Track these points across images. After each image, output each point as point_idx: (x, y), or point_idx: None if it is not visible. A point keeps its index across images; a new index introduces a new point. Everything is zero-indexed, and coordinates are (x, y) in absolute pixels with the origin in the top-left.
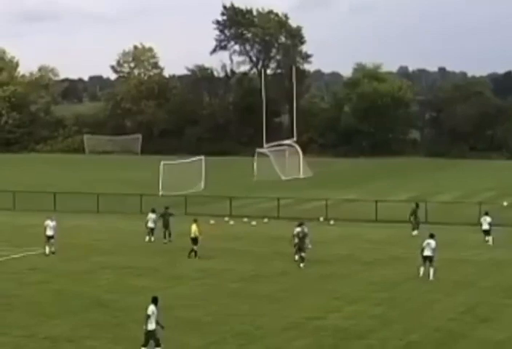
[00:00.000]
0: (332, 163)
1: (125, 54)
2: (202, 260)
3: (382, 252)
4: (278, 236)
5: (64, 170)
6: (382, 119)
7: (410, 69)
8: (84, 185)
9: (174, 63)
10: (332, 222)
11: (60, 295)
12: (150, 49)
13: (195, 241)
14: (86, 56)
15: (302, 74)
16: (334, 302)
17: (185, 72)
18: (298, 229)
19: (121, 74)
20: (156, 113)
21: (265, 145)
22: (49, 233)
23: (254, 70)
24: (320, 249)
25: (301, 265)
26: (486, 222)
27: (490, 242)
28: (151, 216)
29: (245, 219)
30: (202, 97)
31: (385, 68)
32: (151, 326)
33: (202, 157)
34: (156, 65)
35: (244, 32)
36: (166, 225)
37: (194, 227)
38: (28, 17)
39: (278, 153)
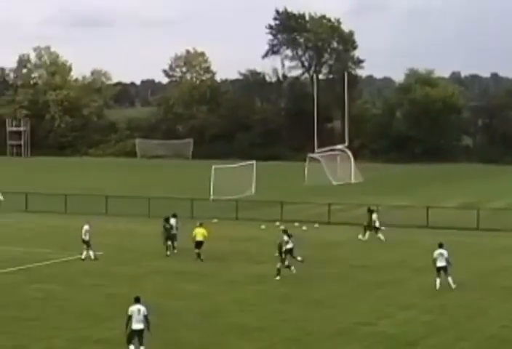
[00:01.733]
0: (383, 168)
1: (177, 58)
2: (253, 265)
3: (432, 259)
4: (329, 241)
5: (116, 174)
6: (434, 125)
7: (462, 75)
8: (136, 189)
9: (226, 68)
10: (383, 228)
11: (111, 298)
12: (203, 54)
13: (199, 244)
14: (138, 60)
15: (354, 79)
16: (385, 309)
17: (237, 76)
18: (285, 237)
19: (173, 78)
20: (208, 117)
21: (316, 150)
22: (85, 237)
23: (306, 75)
24: (371, 255)
25: (277, 277)
26: None
27: None
28: (173, 221)
29: (296, 224)
30: (254, 102)
31: (437, 74)
32: (136, 325)
33: (253, 162)
34: (208, 70)
35: (297, 37)
36: (169, 237)
37: (198, 230)
38: (81, 22)
39: (329, 158)
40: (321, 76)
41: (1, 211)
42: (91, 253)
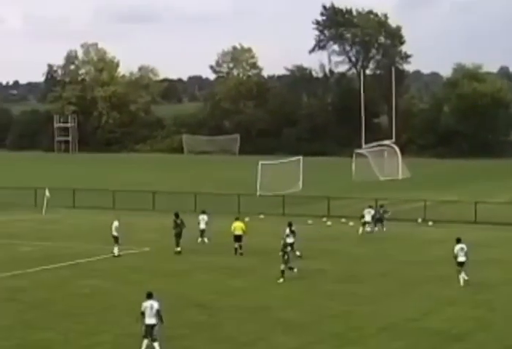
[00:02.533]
0: (430, 164)
1: (224, 54)
2: (300, 261)
3: (480, 254)
4: (376, 237)
5: (163, 170)
6: (482, 120)
7: (511, 69)
8: (183, 185)
9: (272, 63)
10: (430, 223)
11: (158, 294)
12: (249, 50)
13: (238, 238)
14: (185, 56)
15: (401, 74)
16: (432, 304)
17: (283, 72)
18: (287, 230)
19: (220, 74)
20: (255, 113)
21: (363, 146)
22: (115, 233)
23: (353, 70)
24: (418, 250)
25: (281, 280)
26: None
27: None
28: (203, 217)
29: (343, 220)
30: (301, 97)
31: (485, 69)
32: (149, 320)
33: (300, 157)
34: (254, 66)
35: (344, 32)
36: (179, 234)
37: (237, 224)
38: (128, 18)
39: (376, 153)
40: (368, 71)
41: (49, 207)
42: (116, 249)
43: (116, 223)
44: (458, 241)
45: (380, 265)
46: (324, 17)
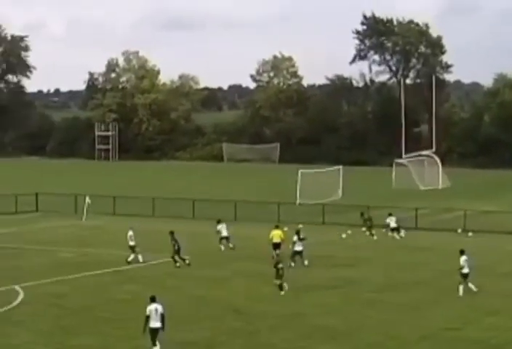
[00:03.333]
0: (471, 173)
1: (264, 63)
2: (337, 269)
3: None
4: (416, 246)
5: (203, 178)
6: None
7: None
8: (222, 193)
9: (313, 72)
10: (470, 233)
11: (196, 301)
12: (290, 59)
13: (277, 246)
14: (225, 64)
15: (442, 84)
16: (472, 314)
17: (324, 81)
18: (295, 237)
19: (260, 83)
20: (295, 121)
21: (403, 156)
22: (131, 243)
23: (394, 79)
24: (457, 260)
25: (282, 292)
26: None
27: None
28: (223, 225)
29: (383, 230)
30: (341, 106)
31: None
32: (155, 324)
33: (340, 166)
34: (295, 74)
35: (384, 41)
36: (178, 251)
37: (276, 232)
38: (170, 26)
39: (416, 162)
40: (408, 81)
41: (89, 214)
42: (139, 256)
43: (130, 232)
44: (462, 252)
45: (419, 273)
46: (365, 27)
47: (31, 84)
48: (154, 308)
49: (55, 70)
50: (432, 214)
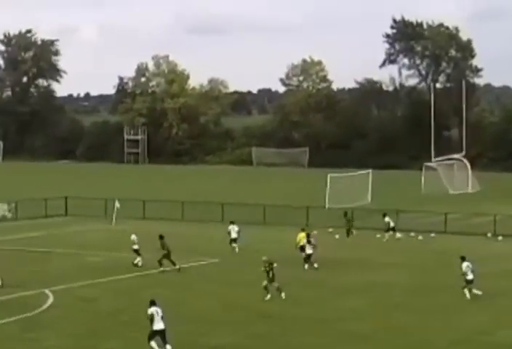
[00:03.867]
0: (501, 177)
1: (294, 67)
2: (368, 273)
3: None
4: (445, 251)
5: (232, 181)
6: None
7: None
8: (251, 197)
9: (342, 76)
10: (500, 238)
11: (224, 305)
12: (319, 63)
13: (303, 249)
14: (255, 68)
15: (472, 88)
16: (504, 318)
17: (353, 85)
18: (304, 240)
19: (290, 87)
20: (324, 125)
21: (433, 159)
22: (134, 247)
23: (423, 83)
24: (487, 265)
25: (268, 296)
26: None
27: None
28: (233, 227)
29: (412, 234)
30: (370, 110)
31: None
32: (158, 326)
33: (369, 170)
34: (324, 79)
35: (414, 45)
36: (168, 255)
37: (302, 235)
38: (199, 30)
39: (446, 166)
40: (438, 85)
41: (118, 218)
42: (138, 259)
43: (133, 236)
44: (463, 259)
45: (448, 277)
46: (395, 31)
47: (61, 89)
48: (155, 311)
49: (85, 74)
50: (461, 218)
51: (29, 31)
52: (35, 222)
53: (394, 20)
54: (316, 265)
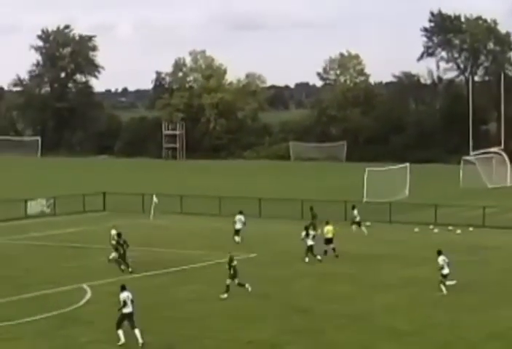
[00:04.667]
0: None
1: (331, 61)
2: (405, 268)
3: None
4: (483, 245)
5: (269, 176)
6: None
7: None
8: (289, 192)
9: (380, 70)
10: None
11: (260, 300)
12: (357, 56)
13: (329, 241)
14: (292, 63)
15: (511, 81)
16: None
17: (391, 79)
18: (303, 233)
19: (327, 81)
20: (362, 119)
21: (471, 153)
22: (113, 242)
23: (462, 77)
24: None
25: (225, 295)
26: None
27: None
28: (240, 217)
29: (450, 228)
30: (408, 104)
31: None
32: (127, 309)
33: (407, 164)
34: (362, 72)
35: (452, 38)
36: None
37: (329, 228)
38: (236, 26)
39: (484, 160)
40: (476, 78)
41: (156, 213)
42: (114, 254)
43: (113, 232)
44: (439, 253)
45: (486, 273)
46: (432, 24)
47: (99, 84)
48: (127, 295)
49: (123, 70)
50: (500, 212)
51: (67, 27)
52: (73, 218)
53: (432, 14)
54: (319, 257)
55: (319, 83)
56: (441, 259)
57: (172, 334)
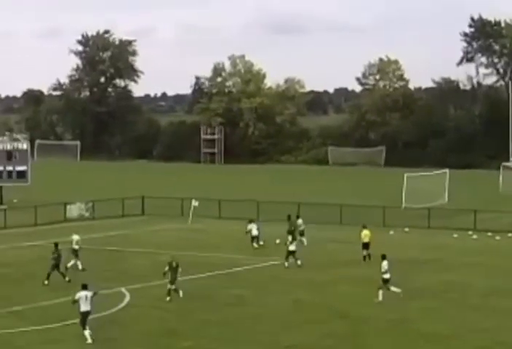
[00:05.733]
0: None
1: (370, 66)
2: (444, 273)
3: None
4: None
5: (308, 181)
6: None
7: None
8: (327, 197)
9: (419, 75)
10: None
11: (300, 305)
12: (396, 62)
13: (366, 245)
14: (331, 68)
15: None
16: None
17: (430, 84)
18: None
19: (366, 86)
20: (401, 124)
21: (511, 159)
22: (75, 247)
23: (501, 82)
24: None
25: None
26: None
27: None
28: (253, 225)
29: (489, 234)
30: (447, 109)
31: None
32: (85, 308)
33: (446, 170)
34: (401, 78)
35: (492, 43)
36: (57, 266)
37: (365, 232)
38: (276, 30)
39: None
40: None
41: (195, 217)
42: (78, 263)
43: (75, 237)
44: (383, 257)
45: None
46: (472, 29)
47: (138, 89)
48: (84, 295)
49: (162, 74)
50: None
51: (107, 32)
52: (112, 222)
53: (472, 19)
54: (299, 262)
55: (358, 88)
56: (384, 263)
57: (211, 338)
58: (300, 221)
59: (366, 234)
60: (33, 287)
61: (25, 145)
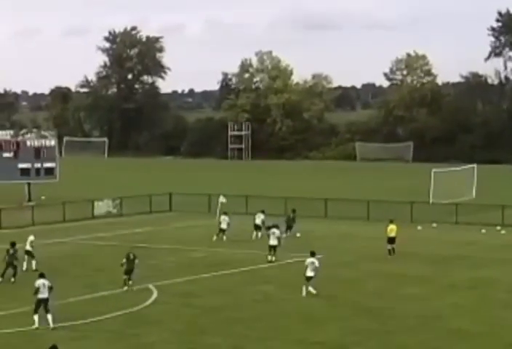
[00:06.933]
0: None
1: (398, 61)
2: (473, 269)
3: None
4: None
5: (336, 177)
6: None
7: None
8: (355, 192)
9: (447, 70)
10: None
11: (328, 301)
12: (423, 57)
13: (392, 240)
14: (359, 63)
15: None
16: None
17: (458, 79)
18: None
19: (394, 82)
20: (428, 120)
21: None
22: (29, 248)
23: None
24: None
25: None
26: None
27: None
28: (224, 218)
29: (497, 228)
30: (475, 104)
31: None
32: (42, 295)
33: (474, 165)
34: (428, 73)
35: None
36: (11, 263)
37: (392, 227)
38: (302, 26)
39: None
40: None
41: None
42: (33, 263)
43: (31, 237)
44: (312, 254)
45: None
46: (500, 24)
47: (166, 85)
48: (42, 283)
49: (190, 70)
50: None
51: (134, 29)
52: (139, 218)
53: (500, 13)
54: (273, 258)
55: (386, 84)
56: (308, 261)
57: (239, 335)
58: (262, 216)
59: (392, 229)
60: (62, 284)
61: (52, 142)
